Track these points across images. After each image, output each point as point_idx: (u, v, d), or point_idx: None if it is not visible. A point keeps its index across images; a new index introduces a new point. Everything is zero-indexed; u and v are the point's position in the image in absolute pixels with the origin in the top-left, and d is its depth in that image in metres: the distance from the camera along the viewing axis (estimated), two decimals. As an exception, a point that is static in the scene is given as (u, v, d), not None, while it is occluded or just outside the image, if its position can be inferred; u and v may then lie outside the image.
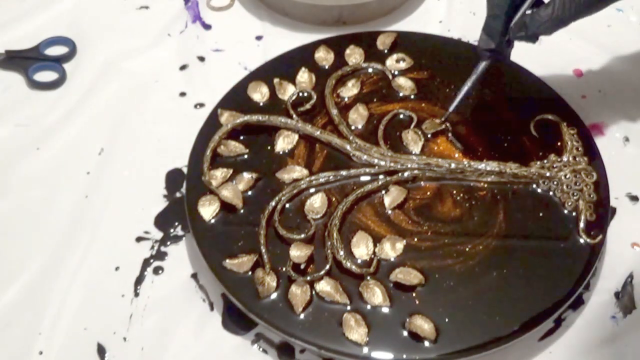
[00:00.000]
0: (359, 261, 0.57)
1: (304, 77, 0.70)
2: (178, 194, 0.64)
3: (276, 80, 0.69)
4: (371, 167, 0.63)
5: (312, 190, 0.61)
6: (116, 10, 0.80)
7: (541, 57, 0.73)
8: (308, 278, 0.56)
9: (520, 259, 0.57)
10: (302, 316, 0.54)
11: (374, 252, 0.58)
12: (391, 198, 0.61)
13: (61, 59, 0.75)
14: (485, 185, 0.61)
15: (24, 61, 0.74)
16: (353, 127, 0.66)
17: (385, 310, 0.55)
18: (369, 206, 0.61)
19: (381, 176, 0.62)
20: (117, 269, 0.60)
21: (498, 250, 0.58)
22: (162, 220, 0.63)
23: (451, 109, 0.64)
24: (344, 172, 0.62)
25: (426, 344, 0.53)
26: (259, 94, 0.68)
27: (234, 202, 0.60)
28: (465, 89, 0.63)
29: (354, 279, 0.56)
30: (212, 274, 0.57)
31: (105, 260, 0.60)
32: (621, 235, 0.61)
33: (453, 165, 0.62)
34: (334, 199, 0.61)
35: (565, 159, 0.62)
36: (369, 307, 0.55)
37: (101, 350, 0.56)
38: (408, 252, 0.58)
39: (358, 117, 0.67)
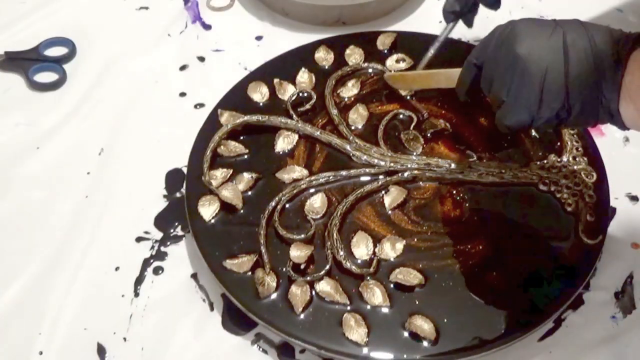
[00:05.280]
0: (359, 261, 0.57)
1: (304, 77, 0.70)
2: (178, 194, 0.64)
3: (276, 80, 0.69)
4: (371, 167, 0.63)
5: (312, 190, 0.61)
6: (116, 11, 0.80)
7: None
8: (308, 278, 0.56)
9: (520, 259, 0.57)
10: (302, 316, 0.54)
11: (374, 252, 0.58)
12: (391, 198, 0.61)
13: (61, 59, 0.75)
14: (486, 186, 0.61)
15: (24, 62, 0.74)
16: (353, 127, 0.66)
17: (385, 310, 0.55)
18: (369, 206, 0.61)
19: (381, 176, 0.62)
20: (117, 269, 0.60)
21: (498, 250, 0.58)
22: (162, 220, 0.63)
23: (420, 67, 0.67)
24: (344, 172, 0.62)
25: (426, 344, 0.53)
26: (259, 94, 0.68)
27: (234, 202, 0.60)
28: (431, 51, 0.67)
29: (354, 279, 0.56)
30: (212, 274, 0.57)
31: (105, 260, 0.60)
32: (621, 235, 0.61)
33: (453, 165, 0.62)
34: (334, 199, 0.61)
35: (565, 159, 0.62)
36: (369, 307, 0.55)
37: (101, 350, 0.56)
38: (408, 252, 0.58)
39: (358, 117, 0.67)
